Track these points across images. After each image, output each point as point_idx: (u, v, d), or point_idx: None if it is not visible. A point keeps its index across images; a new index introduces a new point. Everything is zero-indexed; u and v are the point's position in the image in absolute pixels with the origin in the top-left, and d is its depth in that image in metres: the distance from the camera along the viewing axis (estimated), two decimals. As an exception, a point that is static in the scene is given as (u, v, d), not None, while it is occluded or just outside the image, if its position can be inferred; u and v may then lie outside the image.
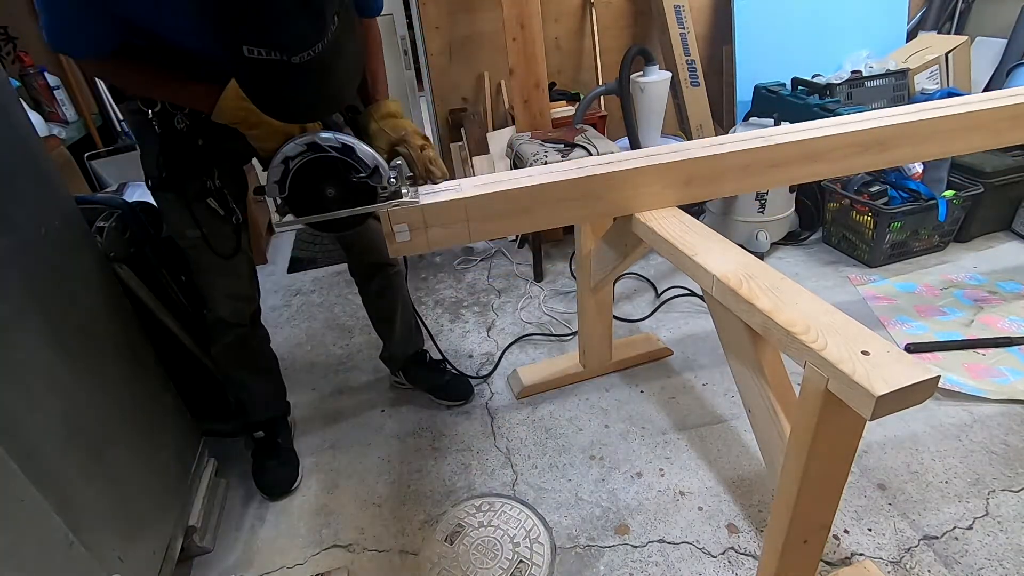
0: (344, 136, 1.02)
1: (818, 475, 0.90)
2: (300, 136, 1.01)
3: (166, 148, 1.15)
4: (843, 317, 0.85)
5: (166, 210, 1.25)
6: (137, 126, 1.18)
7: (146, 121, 1.13)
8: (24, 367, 0.92)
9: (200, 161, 1.18)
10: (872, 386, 0.72)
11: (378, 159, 1.04)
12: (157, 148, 1.16)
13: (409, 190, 1.12)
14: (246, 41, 0.74)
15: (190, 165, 1.18)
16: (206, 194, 1.21)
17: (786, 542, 0.99)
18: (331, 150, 1.01)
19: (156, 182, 1.20)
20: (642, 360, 1.86)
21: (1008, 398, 1.57)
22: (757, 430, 1.06)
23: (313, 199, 1.06)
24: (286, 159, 1.01)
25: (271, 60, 0.75)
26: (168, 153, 1.16)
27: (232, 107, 0.99)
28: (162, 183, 1.19)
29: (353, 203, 1.07)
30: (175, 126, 1.13)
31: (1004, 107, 1.41)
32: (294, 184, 1.03)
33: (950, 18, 3.28)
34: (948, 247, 2.31)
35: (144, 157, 1.20)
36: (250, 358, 1.51)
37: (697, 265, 1.05)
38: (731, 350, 1.08)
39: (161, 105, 1.11)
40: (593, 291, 1.62)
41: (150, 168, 1.19)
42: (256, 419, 1.57)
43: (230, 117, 1.01)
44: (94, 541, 0.96)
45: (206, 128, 1.13)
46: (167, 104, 1.11)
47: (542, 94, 2.39)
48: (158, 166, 1.18)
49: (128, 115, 1.20)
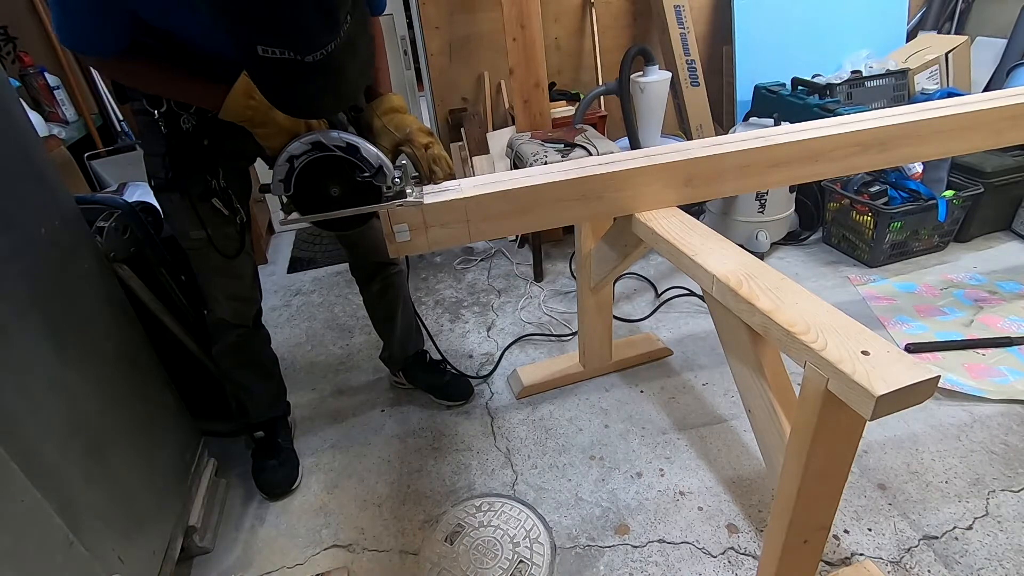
0: (349, 135, 1.02)
1: (818, 475, 0.90)
2: (305, 135, 1.01)
3: (172, 148, 1.15)
4: (843, 317, 0.85)
5: (170, 211, 1.24)
6: (142, 127, 1.18)
7: (152, 122, 1.12)
8: (24, 367, 0.92)
9: (205, 161, 1.18)
10: (872, 386, 0.72)
11: (382, 158, 1.04)
12: (163, 149, 1.16)
13: (414, 190, 1.12)
14: (260, 41, 0.74)
15: (196, 165, 1.18)
16: (211, 194, 1.20)
17: (786, 542, 0.99)
18: (336, 149, 1.01)
19: (161, 183, 1.20)
20: (642, 360, 1.86)
21: (1008, 398, 1.57)
22: (757, 430, 1.06)
23: (318, 198, 1.07)
24: (291, 157, 1.01)
25: (285, 59, 0.76)
26: (174, 153, 1.16)
27: (239, 105, 1.00)
28: (168, 184, 1.19)
29: (357, 202, 1.08)
30: (181, 126, 1.13)
31: (1004, 107, 1.41)
32: (299, 182, 1.04)
33: (950, 18, 3.28)
34: (948, 247, 2.31)
35: (148, 158, 1.20)
36: (251, 359, 1.51)
37: (697, 265, 1.05)
38: (731, 350, 1.08)
39: (167, 105, 1.11)
40: (593, 291, 1.62)
41: (155, 168, 1.19)
42: (256, 419, 1.57)
43: (237, 115, 1.01)
44: (94, 541, 0.96)
45: (211, 128, 1.14)
46: (173, 104, 1.11)
47: (542, 94, 2.39)
48: (164, 166, 1.18)
49: (133, 116, 1.19)
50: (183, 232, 1.25)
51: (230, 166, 1.25)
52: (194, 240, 1.25)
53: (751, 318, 0.93)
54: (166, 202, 1.23)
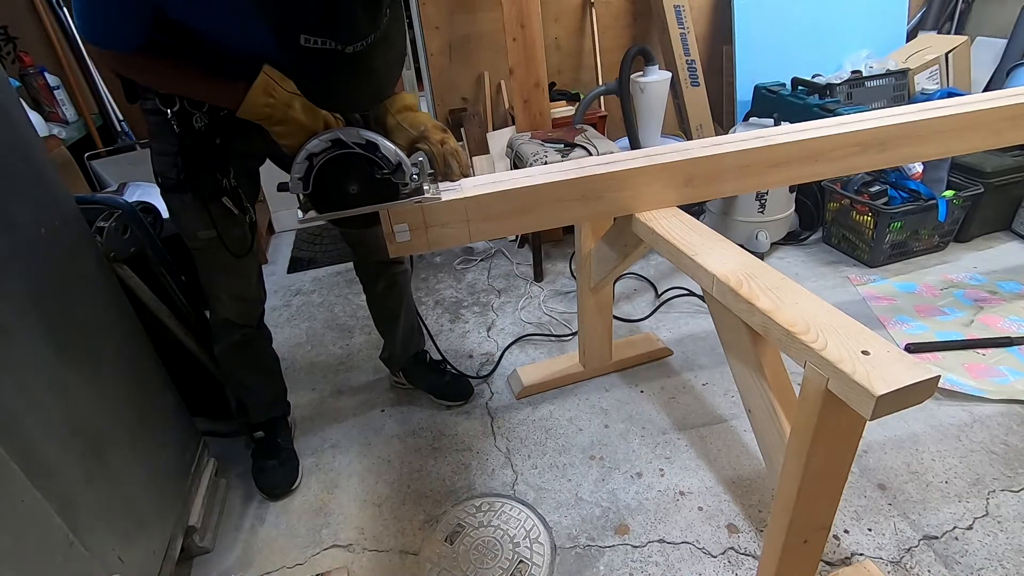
0: (368, 132, 1.02)
1: (818, 475, 0.90)
2: (324, 132, 1.01)
3: (184, 147, 1.15)
4: (843, 317, 0.85)
5: (179, 210, 1.23)
6: (152, 126, 1.17)
7: (164, 121, 1.12)
8: (24, 367, 0.92)
9: (217, 160, 1.18)
10: (872, 386, 0.72)
11: (401, 155, 1.04)
12: (175, 148, 1.15)
13: (430, 187, 1.11)
14: (305, 30, 0.75)
15: (208, 164, 1.17)
16: (222, 193, 1.20)
17: (786, 542, 0.99)
18: (355, 146, 1.01)
19: (172, 182, 1.19)
20: (642, 360, 1.86)
21: (1008, 398, 1.57)
22: (757, 430, 1.06)
23: (335, 195, 1.06)
24: (310, 155, 1.01)
25: (326, 50, 0.77)
26: (187, 152, 1.15)
27: (259, 103, 0.98)
28: (179, 183, 1.18)
29: (375, 199, 1.07)
30: (193, 125, 1.12)
31: (1004, 107, 1.41)
32: (317, 180, 1.03)
33: (950, 18, 3.28)
34: (948, 247, 2.31)
35: (157, 157, 1.20)
36: (253, 358, 1.51)
37: (697, 265, 1.05)
38: (731, 350, 1.08)
39: (180, 104, 1.10)
40: (593, 291, 1.62)
41: (165, 168, 1.19)
42: (257, 419, 1.57)
43: (256, 113, 0.99)
44: (94, 541, 0.96)
45: (223, 127, 1.14)
46: (186, 103, 1.11)
47: (542, 94, 2.39)
48: (175, 165, 1.17)
49: (144, 115, 1.19)
50: (191, 232, 1.24)
51: (240, 165, 1.25)
52: (203, 240, 1.24)
53: (751, 318, 0.93)
54: (176, 201, 1.23)
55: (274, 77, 0.97)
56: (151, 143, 1.21)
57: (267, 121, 1.00)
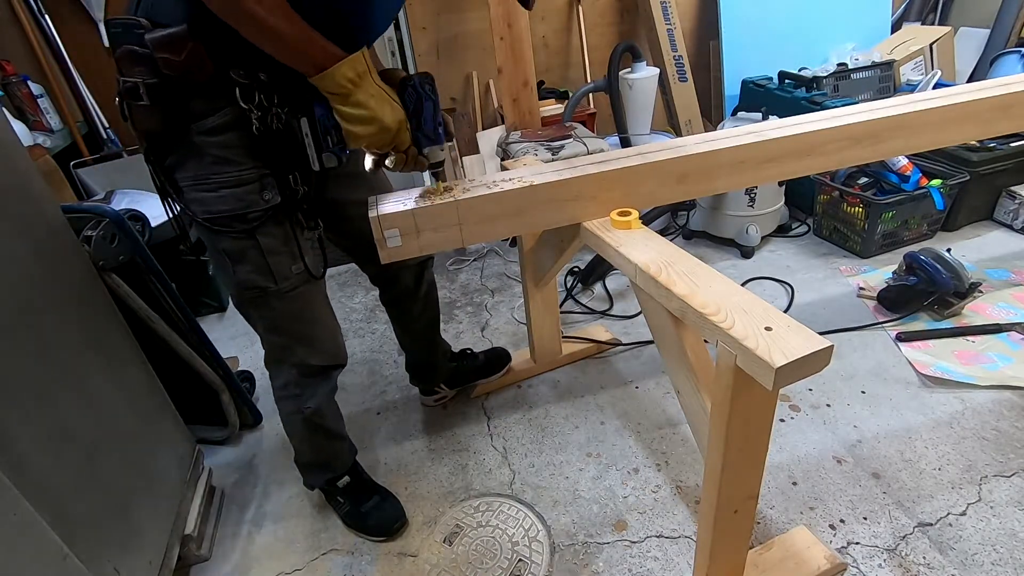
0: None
1: (738, 447, 0.93)
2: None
3: (272, 161, 0.95)
4: (751, 297, 0.89)
5: (272, 251, 1.00)
6: (213, 149, 0.92)
7: (236, 136, 0.92)
8: (14, 379, 0.91)
9: (292, 164, 0.99)
10: (771, 358, 0.76)
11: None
12: (257, 167, 0.94)
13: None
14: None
15: (292, 178, 0.99)
16: (299, 205, 1.02)
17: (717, 514, 1.02)
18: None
19: (259, 216, 0.96)
20: (591, 352, 1.89)
21: (997, 384, 1.58)
22: (686, 409, 1.09)
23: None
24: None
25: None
26: (276, 168, 0.96)
27: (344, 76, 0.87)
28: (272, 214, 0.97)
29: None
30: (271, 126, 0.93)
31: (995, 97, 1.42)
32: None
33: (933, 9, 3.31)
34: (936, 235, 2.33)
35: (219, 194, 0.94)
36: (336, 402, 1.32)
37: (621, 255, 1.07)
38: (657, 335, 1.11)
39: (259, 98, 0.91)
40: (538, 287, 1.65)
41: (242, 202, 0.95)
42: (346, 468, 1.41)
43: (335, 84, 0.87)
44: (89, 553, 0.95)
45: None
46: (263, 96, 0.92)
47: (531, 93, 2.40)
48: (261, 191, 0.95)
49: (189, 153, 0.94)
50: (284, 274, 1.03)
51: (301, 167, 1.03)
52: (294, 278, 1.04)
53: (670, 303, 0.96)
54: (266, 240, 0.99)
55: (369, 64, 0.90)
56: (196, 182, 0.95)
57: (341, 95, 0.89)
